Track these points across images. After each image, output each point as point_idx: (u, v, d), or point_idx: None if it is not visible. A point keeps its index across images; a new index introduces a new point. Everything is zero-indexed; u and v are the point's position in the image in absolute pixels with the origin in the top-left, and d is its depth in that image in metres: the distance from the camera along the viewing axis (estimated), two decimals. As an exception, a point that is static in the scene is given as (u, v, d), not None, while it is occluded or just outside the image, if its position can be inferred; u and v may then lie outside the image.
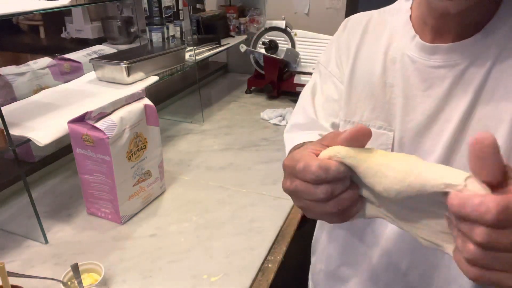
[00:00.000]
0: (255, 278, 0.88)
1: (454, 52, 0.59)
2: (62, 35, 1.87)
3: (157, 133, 1.11)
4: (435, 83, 0.61)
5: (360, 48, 0.71)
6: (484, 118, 0.57)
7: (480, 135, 0.33)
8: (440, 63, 0.61)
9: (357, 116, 0.70)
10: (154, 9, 1.57)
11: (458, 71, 0.59)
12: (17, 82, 1.15)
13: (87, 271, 0.83)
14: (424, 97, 0.62)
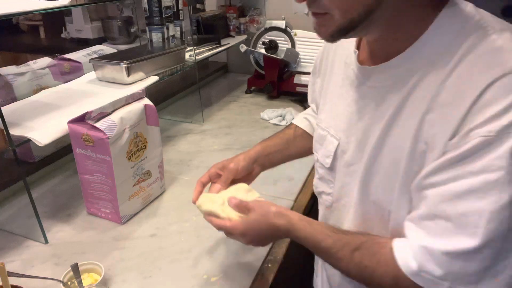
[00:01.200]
0: (255, 278, 0.88)
1: (376, 74, 0.62)
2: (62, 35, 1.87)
3: (157, 133, 1.11)
4: (367, 102, 0.65)
5: (334, 57, 0.76)
6: (392, 146, 0.60)
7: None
8: (370, 83, 0.64)
9: (323, 123, 0.77)
10: (154, 9, 1.56)
11: (383, 93, 0.61)
12: (17, 82, 1.15)
13: (87, 271, 0.83)
14: (361, 114, 0.66)
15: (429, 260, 0.53)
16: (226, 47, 1.88)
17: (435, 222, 0.54)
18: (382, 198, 0.63)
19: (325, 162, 0.75)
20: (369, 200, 0.66)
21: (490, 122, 0.49)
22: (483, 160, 0.49)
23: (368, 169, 0.64)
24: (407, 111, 0.57)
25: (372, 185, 0.64)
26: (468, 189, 0.50)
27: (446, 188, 0.52)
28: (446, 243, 0.52)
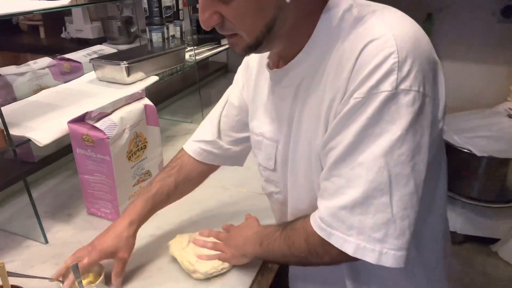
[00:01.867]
0: (255, 278, 0.87)
1: (286, 75, 0.68)
2: (62, 35, 1.87)
3: (157, 133, 1.11)
4: (285, 100, 0.70)
5: (260, 72, 0.78)
6: (307, 131, 0.67)
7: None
8: (282, 84, 0.70)
9: (258, 129, 0.80)
10: (154, 9, 1.56)
11: (294, 89, 0.68)
12: (17, 82, 1.15)
13: (87, 271, 0.83)
14: (283, 115, 0.72)
15: (333, 218, 0.59)
16: (226, 47, 1.88)
17: (331, 181, 0.60)
18: (307, 186, 0.70)
19: (268, 164, 0.79)
20: (304, 191, 0.72)
21: (361, 85, 0.55)
22: (358, 120, 0.55)
23: (294, 163, 0.71)
24: (312, 99, 0.64)
25: (299, 177, 0.71)
26: (351, 147, 0.57)
27: (338, 149, 0.58)
28: (341, 199, 0.58)
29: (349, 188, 0.57)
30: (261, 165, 0.81)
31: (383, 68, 0.53)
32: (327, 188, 0.61)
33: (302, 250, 0.65)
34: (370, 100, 0.54)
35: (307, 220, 0.65)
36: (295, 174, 0.72)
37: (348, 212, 0.57)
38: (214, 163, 0.95)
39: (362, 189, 0.56)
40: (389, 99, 0.53)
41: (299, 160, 0.70)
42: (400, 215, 0.56)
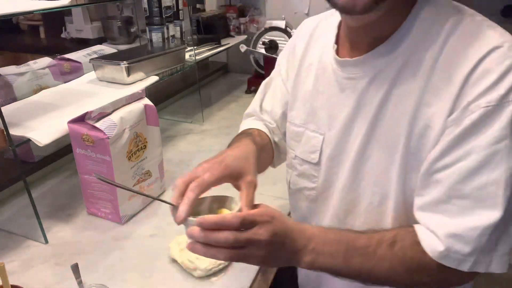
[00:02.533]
0: (255, 278, 0.88)
1: (358, 66, 0.63)
2: (62, 35, 1.87)
3: (157, 133, 1.11)
4: (348, 94, 0.66)
5: (305, 55, 0.76)
6: (386, 132, 0.62)
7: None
8: (350, 75, 0.65)
9: (298, 119, 0.76)
10: (154, 9, 1.56)
11: (364, 84, 0.63)
12: (17, 82, 1.15)
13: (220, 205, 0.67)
14: (342, 106, 0.67)
15: (456, 241, 0.54)
16: (226, 47, 1.88)
17: (452, 203, 0.55)
18: (376, 183, 0.65)
19: (311, 158, 0.74)
20: (360, 187, 0.67)
21: (487, 93, 0.51)
22: (488, 132, 0.51)
23: (360, 155, 0.66)
24: (398, 96, 0.60)
25: (365, 171, 0.66)
26: (479, 163, 0.52)
27: (457, 168, 0.54)
28: (469, 221, 0.53)
29: (479, 209, 0.53)
30: (298, 157, 0.77)
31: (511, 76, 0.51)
32: (445, 211, 0.56)
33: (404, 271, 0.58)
34: (502, 109, 0.50)
35: (412, 241, 0.58)
36: (354, 171, 0.67)
37: (479, 233, 0.53)
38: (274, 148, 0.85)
39: (501, 209, 0.52)
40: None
41: (367, 163, 0.65)
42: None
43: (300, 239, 0.58)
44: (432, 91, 0.56)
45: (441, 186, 0.56)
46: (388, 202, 0.64)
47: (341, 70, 0.67)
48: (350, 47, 0.66)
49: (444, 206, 0.56)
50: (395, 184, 0.62)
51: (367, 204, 0.67)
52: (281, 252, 0.57)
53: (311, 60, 0.74)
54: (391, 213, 0.65)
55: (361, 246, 0.59)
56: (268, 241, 0.54)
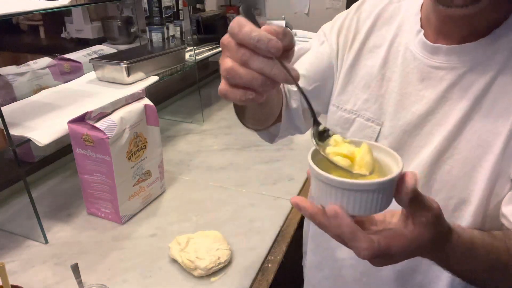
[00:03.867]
0: (255, 278, 0.88)
1: (454, 54, 0.58)
2: (62, 35, 1.87)
3: (157, 133, 1.11)
4: (431, 84, 0.60)
5: (369, 35, 0.68)
6: (480, 130, 0.57)
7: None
8: (439, 63, 0.59)
9: (350, 105, 0.69)
10: (154, 9, 1.57)
11: (457, 75, 0.58)
12: (17, 82, 1.15)
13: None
14: (419, 97, 0.61)
15: None
16: (226, 47, 1.88)
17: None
18: (455, 187, 0.59)
19: None
20: (432, 189, 0.61)
21: None
22: None
23: (438, 157, 0.59)
24: (499, 93, 0.55)
25: (442, 171, 0.60)
26: None
27: None
28: None
29: None
30: None
31: None
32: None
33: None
34: None
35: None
36: (428, 172, 0.60)
37: None
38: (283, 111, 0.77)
39: None
40: None
41: (447, 162, 0.59)
42: None
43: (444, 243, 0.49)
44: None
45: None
46: (465, 208, 0.59)
47: (428, 57, 0.60)
48: (437, 35, 0.60)
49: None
50: (480, 189, 0.57)
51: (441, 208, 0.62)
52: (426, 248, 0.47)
53: (379, 42, 0.67)
54: (468, 219, 0.59)
55: (503, 262, 0.53)
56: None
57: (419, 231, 0.43)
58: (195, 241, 0.91)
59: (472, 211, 0.58)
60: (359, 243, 0.41)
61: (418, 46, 0.62)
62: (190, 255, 0.87)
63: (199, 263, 0.85)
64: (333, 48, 0.73)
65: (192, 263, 0.85)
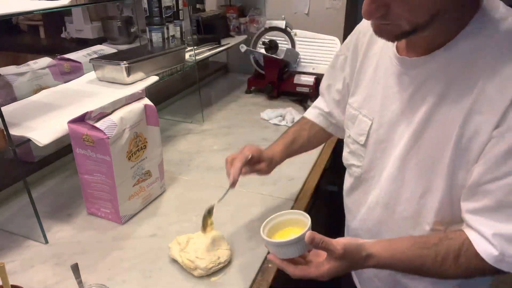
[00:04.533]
0: (255, 278, 0.88)
1: (415, 65, 0.69)
2: (62, 35, 1.87)
3: (157, 133, 1.11)
4: (403, 88, 0.72)
5: (369, 47, 0.82)
6: (438, 129, 0.66)
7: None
8: (406, 72, 0.71)
9: (355, 104, 0.84)
10: (154, 9, 1.56)
11: (419, 82, 0.69)
12: (17, 82, 1.15)
13: (290, 224, 0.76)
14: (395, 98, 0.73)
15: (509, 245, 0.61)
16: (226, 47, 1.88)
17: (502, 211, 0.61)
18: (422, 176, 0.70)
19: (359, 139, 0.83)
20: (405, 177, 0.73)
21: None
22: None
23: (408, 149, 0.71)
24: (451, 100, 0.64)
25: (411, 164, 0.71)
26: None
27: (506, 182, 0.60)
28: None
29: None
30: (351, 137, 0.86)
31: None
32: (495, 217, 0.62)
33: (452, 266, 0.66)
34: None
35: (475, 251, 0.64)
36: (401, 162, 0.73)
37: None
38: (328, 129, 1.02)
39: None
40: None
41: (414, 155, 0.70)
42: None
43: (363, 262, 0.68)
44: (485, 100, 0.60)
45: (491, 195, 0.62)
46: (431, 195, 0.70)
47: (399, 66, 0.72)
48: (408, 47, 0.71)
49: (494, 213, 0.62)
50: (441, 179, 0.67)
51: (409, 194, 0.73)
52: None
53: (375, 51, 0.80)
54: (433, 208, 0.70)
55: (427, 269, 0.67)
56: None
57: (332, 263, 0.66)
58: (195, 241, 0.91)
59: (436, 199, 0.69)
60: (287, 269, 0.69)
61: (393, 56, 0.74)
62: (190, 255, 0.87)
63: (199, 263, 0.85)
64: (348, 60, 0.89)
65: (192, 263, 0.85)
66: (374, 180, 0.81)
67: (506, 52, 0.60)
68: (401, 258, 0.67)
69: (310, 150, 1.06)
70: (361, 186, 0.86)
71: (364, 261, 0.67)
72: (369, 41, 0.82)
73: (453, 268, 0.65)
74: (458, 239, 0.66)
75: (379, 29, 0.64)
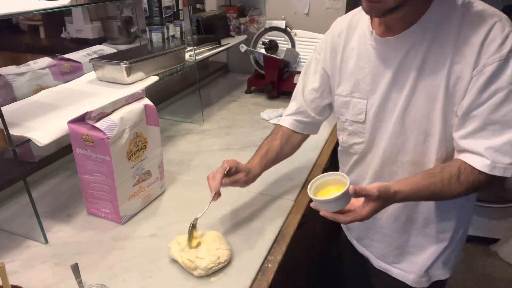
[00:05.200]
0: (255, 278, 0.88)
1: (398, 41, 0.84)
2: (62, 35, 1.87)
3: (157, 133, 1.11)
4: (389, 64, 0.87)
5: (347, 43, 0.96)
6: (427, 87, 0.83)
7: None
8: (391, 49, 0.86)
9: (345, 92, 0.97)
10: (154, 9, 1.56)
11: (403, 54, 0.85)
12: (17, 82, 1.15)
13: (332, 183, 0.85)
14: (384, 74, 0.89)
15: (497, 154, 0.78)
16: (226, 47, 1.88)
17: (487, 129, 0.78)
18: (420, 125, 0.86)
19: (358, 118, 0.96)
20: (407, 131, 0.89)
21: (498, 51, 0.76)
22: (505, 77, 0.76)
23: (405, 108, 0.87)
24: (433, 59, 0.81)
25: (409, 118, 0.87)
26: (503, 98, 0.76)
27: (488, 104, 0.77)
28: (502, 139, 0.78)
29: (507, 129, 0.77)
30: (349, 120, 0.98)
31: (511, 38, 0.76)
32: (483, 135, 0.79)
33: (478, 186, 0.82)
34: (509, 60, 0.75)
35: (470, 168, 0.80)
36: (401, 121, 0.88)
37: (511, 146, 0.77)
38: (304, 132, 1.11)
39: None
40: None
41: (411, 111, 0.86)
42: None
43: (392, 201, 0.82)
44: (459, 53, 0.79)
45: (477, 118, 0.79)
46: (432, 139, 0.87)
47: (383, 47, 0.87)
48: (385, 29, 0.86)
49: (482, 132, 0.79)
50: (438, 124, 0.84)
51: (415, 143, 0.89)
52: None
53: (353, 45, 0.94)
54: (434, 148, 0.87)
55: (438, 191, 0.82)
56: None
57: (371, 204, 0.79)
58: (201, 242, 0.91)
59: (436, 142, 0.86)
60: (339, 219, 0.82)
61: (374, 41, 0.89)
62: (190, 254, 0.87)
63: (199, 263, 0.85)
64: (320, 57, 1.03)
65: (192, 262, 0.86)
66: (379, 145, 0.94)
67: (466, 16, 0.79)
68: (419, 188, 0.82)
69: (287, 157, 1.11)
70: (366, 157, 0.99)
71: (393, 197, 0.80)
72: (345, 40, 0.96)
73: (458, 186, 0.81)
74: (455, 164, 0.82)
75: (369, 8, 0.78)
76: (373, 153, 0.97)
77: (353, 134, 0.99)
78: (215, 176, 0.95)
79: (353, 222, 0.81)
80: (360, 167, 1.02)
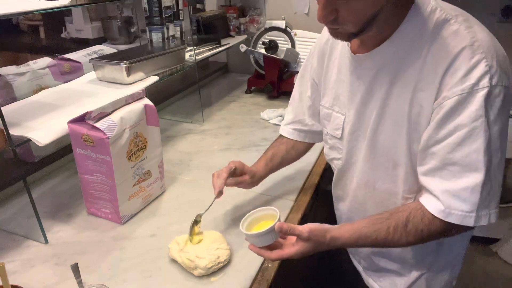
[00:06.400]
0: (255, 278, 0.88)
1: (369, 58, 0.79)
2: (62, 35, 1.87)
3: (157, 133, 1.11)
4: (363, 80, 0.82)
5: (331, 52, 0.92)
6: (394, 111, 0.77)
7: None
8: (363, 66, 0.81)
9: (327, 104, 0.94)
10: (154, 9, 1.57)
11: (374, 73, 0.79)
12: (17, 82, 1.15)
13: (263, 219, 0.84)
14: (358, 91, 0.83)
15: (453, 200, 0.70)
16: (226, 47, 1.88)
17: (446, 169, 0.71)
18: (388, 153, 0.81)
19: (336, 133, 0.92)
20: (376, 156, 0.84)
21: (460, 83, 0.67)
22: (466, 113, 0.67)
23: (374, 131, 0.81)
24: (400, 84, 0.75)
25: (379, 143, 0.82)
26: (463, 137, 0.68)
27: (447, 142, 0.69)
28: (461, 182, 0.69)
29: (467, 172, 0.69)
30: (329, 134, 0.95)
31: (479, 69, 0.66)
32: (441, 175, 0.72)
33: (430, 234, 0.75)
34: (473, 94, 0.66)
35: (421, 216, 0.74)
36: (371, 145, 0.83)
37: (471, 192, 0.69)
38: (306, 140, 1.09)
39: (483, 171, 0.68)
40: (488, 93, 0.66)
41: (380, 136, 0.81)
42: (499, 182, 0.71)
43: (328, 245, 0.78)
44: (424, 80, 0.71)
45: (436, 156, 0.72)
46: (399, 168, 0.81)
47: (355, 63, 0.83)
48: (360, 45, 0.81)
49: (440, 172, 0.72)
50: (403, 153, 0.78)
51: (384, 169, 0.84)
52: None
53: (336, 55, 0.90)
54: (402, 176, 0.81)
55: (382, 240, 0.76)
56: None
57: (301, 244, 0.76)
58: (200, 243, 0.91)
59: (403, 171, 0.81)
60: (264, 255, 0.79)
61: (349, 56, 0.84)
62: (190, 254, 0.87)
63: (199, 262, 0.85)
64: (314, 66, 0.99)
65: (192, 262, 0.86)
66: (355, 166, 0.90)
67: (437, 38, 0.70)
68: (360, 235, 0.77)
69: (293, 162, 1.12)
70: (345, 175, 0.95)
71: (329, 242, 0.77)
72: (330, 48, 0.92)
73: (404, 236, 0.75)
74: (406, 210, 0.76)
75: (333, 32, 0.73)
76: (351, 172, 0.93)
77: (333, 148, 0.95)
78: (220, 174, 0.96)
79: (279, 260, 0.78)
80: (341, 183, 0.99)
